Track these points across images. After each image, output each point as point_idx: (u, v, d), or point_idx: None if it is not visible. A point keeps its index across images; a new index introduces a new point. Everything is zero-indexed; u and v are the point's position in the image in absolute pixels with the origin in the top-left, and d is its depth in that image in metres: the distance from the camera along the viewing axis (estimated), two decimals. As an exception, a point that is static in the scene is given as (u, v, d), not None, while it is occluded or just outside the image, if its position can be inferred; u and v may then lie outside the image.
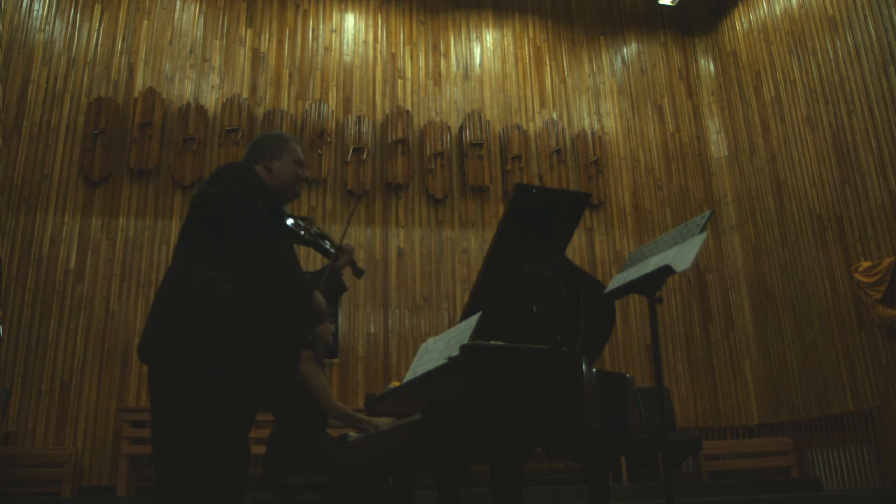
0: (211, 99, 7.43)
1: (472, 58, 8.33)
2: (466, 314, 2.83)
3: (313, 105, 7.61)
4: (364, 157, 7.55)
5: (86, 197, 6.85)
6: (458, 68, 8.23)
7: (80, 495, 5.87)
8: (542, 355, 2.36)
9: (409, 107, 7.90)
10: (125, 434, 5.97)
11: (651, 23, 9.07)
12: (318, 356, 3.47)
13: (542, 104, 8.34)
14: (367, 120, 7.68)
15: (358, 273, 2.86)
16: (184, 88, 7.40)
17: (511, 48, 8.48)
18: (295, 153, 2.30)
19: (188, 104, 7.28)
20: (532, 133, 8.15)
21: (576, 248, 7.79)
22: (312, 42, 7.91)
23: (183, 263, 1.95)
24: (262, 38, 7.78)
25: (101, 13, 7.41)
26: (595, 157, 8.14)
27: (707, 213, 2.48)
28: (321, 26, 8.00)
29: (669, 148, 8.62)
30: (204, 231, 1.95)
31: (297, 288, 1.99)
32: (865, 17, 6.79)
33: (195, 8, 7.69)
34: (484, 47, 8.41)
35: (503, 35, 8.52)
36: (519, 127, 8.06)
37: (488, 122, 8.03)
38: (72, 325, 6.43)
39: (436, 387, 2.47)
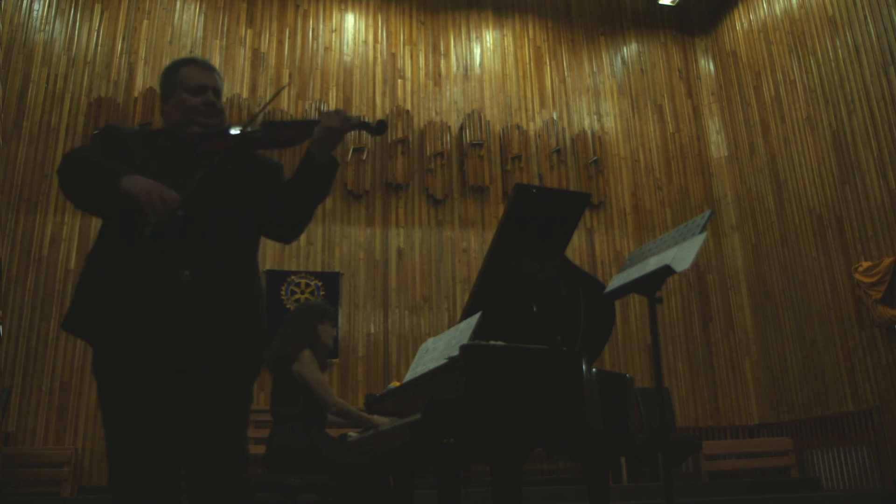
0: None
1: (472, 58, 8.33)
2: (466, 314, 2.83)
3: (313, 105, 7.61)
4: (364, 156, 7.55)
5: (86, 197, 6.84)
6: (458, 68, 8.23)
7: (80, 495, 5.87)
8: (542, 355, 2.36)
9: (409, 107, 7.90)
10: (125, 434, 5.96)
11: (651, 23, 9.07)
12: (321, 361, 3.48)
13: (542, 104, 8.34)
14: (366, 120, 7.67)
15: (378, 128, 2.00)
16: (184, 88, 7.39)
17: (511, 48, 8.48)
18: (185, 81, 1.95)
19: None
20: (532, 133, 8.15)
21: (576, 248, 7.79)
22: (312, 42, 7.91)
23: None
24: (262, 38, 7.78)
25: (101, 13, 7.41)
26: (595, 157, 8.14)
27: (707, 213, 2.48)
28: (321, 26, 8.00)
29: (669, 148, 8.62)
30: None
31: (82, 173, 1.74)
32: (865, 17, 6.79)
33: (195, 8, 7.69)
34: (484, 47, 8.41)
35: (503, 35, 8.52)
36: (519, 127, 8.06)
37: (488, 122, 8.03)
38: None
39: (436, 387, 2.47)
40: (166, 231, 1.73)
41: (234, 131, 1.96)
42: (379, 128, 1.99)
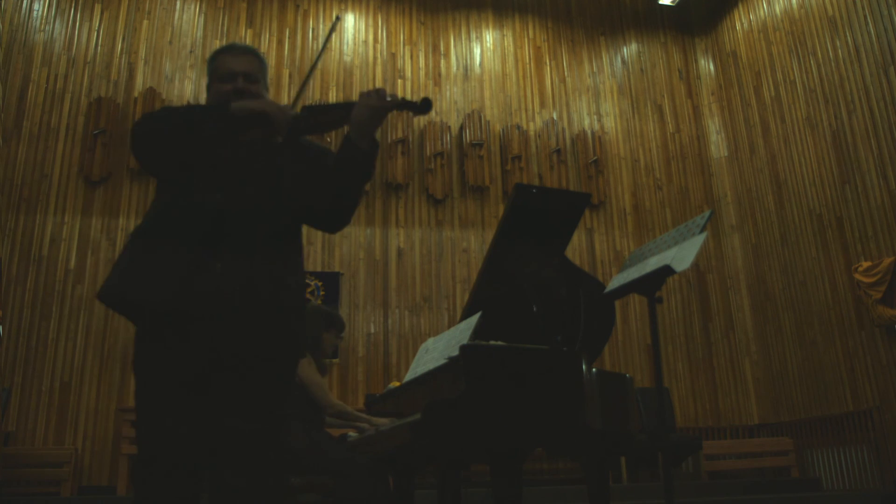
0: (211, 99, 7.42)
1: (472, 58, 8.33)
2: (466, 314, 2.83)
3: (313, 105, 7.60)
4: (364, 157, 7.54)
5: (86, 197, 6.84)
6: (458, 68, 8.23)
7: (80, 495, 5.87)
8: (542, 355, 2.36)
9: (409, 107, 7.89)
10: (125, 434, 5.96)
11: (651, 23, 9.07)
12: (320, 365, 3.48)
13: (542, 104, 8.34)
14: (367, 120, 7.67)
15: (423, 106, 1.87)
16: (184, 88, 7.40)
17: (511, 48, 8.48)
18: (218, 69, 1.93)
19: (188, 104, 7.27)
20: (532, 133, 8.15)
21: (576, 248, 7.79)
22: (312, 42, 7.91)
23: None
24: (262, 38, 7.78)
25: (101, 13, 7.41)
26: (595, 157, 8.14)
27: (707, 213, 2.48)
28: (321, 26, 8.00)
29: (669, 148, 8.62)
30: None
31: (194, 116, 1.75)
32: (865, 17, 6.79)
33: (195, 8, 7.69)
34: (484, 47, 8.41)
35: (503, 35, 8.52)
36: (519, 127, 8.06)
37: (488, 122, 8.03)
38: (72, 325, 6.43)
39: (436, 387, 2.47)
40: (203, 219, 1.72)
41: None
42: (423, 106, 1.86)
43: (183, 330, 1.69)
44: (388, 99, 1.83)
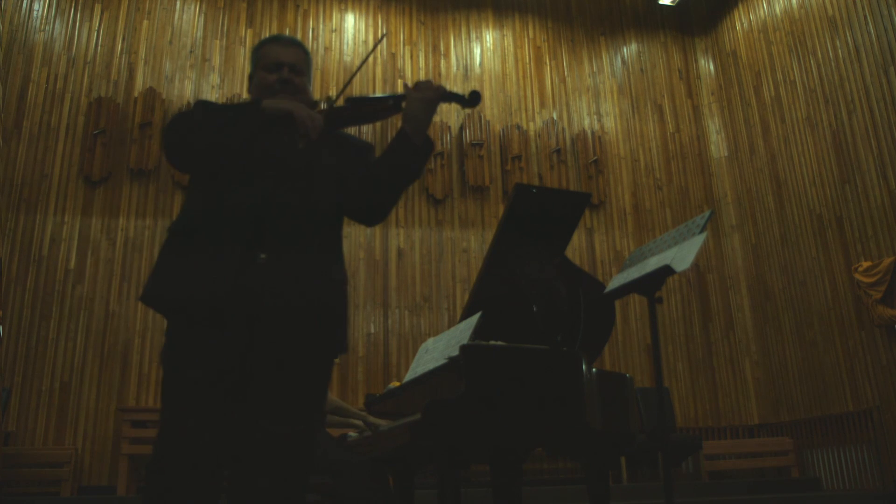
0: (211, 99, 7.42)
1: (472, 58, 8.33)
2: (466, 314, 2.83)
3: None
4: (364, 157, 7.54)
5: (86, 197, 6.84)
6: (458, 68, 8.23)
7: (80, 495, 5.87)
8: (542, 355, 2.36)
9: (409, 107, 7.90)
10: (125, 434, 5.97)
11: (651, 23, 9.07)
12: None
13: (542, 104, 8.34)
14: (367, 120, 7.67)
15: (471, 100, 1.85)
16: (184, 88, 7.40)
17: (511, 48, 8.48)
18: (263, 58, 1.93)
19: (188, 104, 7.28)
20: (532, 133, 8.15)
21: (576, 248, 7.79)
22: (312, 42, 7.91)
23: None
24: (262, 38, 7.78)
25: (101, 13, 7.41)
26: (595, 157, 8.14)
27: (707, 213, 2.48)
28: (321, 26, 8.00)
29: (669, 148, 8.62)
30: None
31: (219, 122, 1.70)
32: (865, 17, 6.79)
33: (195, 8, 7.69)
34: (484, 47, 8.41)
35: (503, 35, 8.52)
36: (519, 127, 8.06)
37: (488, 122, 8.03)
38: (72, 325, 6.43)
39: (436, 387, 2.47)
40: (243, 215, 1.68)
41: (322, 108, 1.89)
42: (472, 99, 1.84)
43: (223, 326, 1.64)
44: (439, 90, 1.79)
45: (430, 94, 1.77)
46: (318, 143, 1.82)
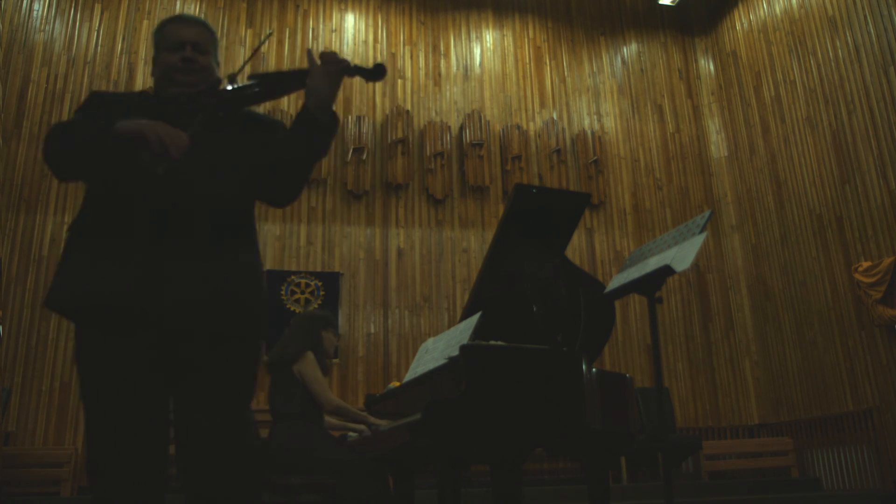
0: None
1: (472, 58, 8.33)
2: (466, 314, 2.83)
3: (313, 105, 7.60)
4: (364, 157, 7.55)
5: (86, 197, 6.84)
6: (458, 68, 8.23)
7: (80, 495, 5.86)
8: (542, 355, 2.36)
9: (408, 107, 7.90)
10: (125, 434, 5.96)
11: (651, 23, 9.07)
12: (323, 365, 3.50)
13: (542, 104, 8.34)
14: (366, 120, 7.68)
15: (375, 71, 1.78)
16: (184, 88, 7.39)
17: (511, 48, 8.48)
18: (165, 38, 1.83)
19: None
20: (532, 133, 8.15)
21: (576, 248, 7.79)
22: (312, 42, 7.91)
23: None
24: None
25: (101, 13, 7.41)
26: (595, 157, 8.14)
27: (707, 213, 2.48)
28: (321, 26, 8.00)
29: (669, 148, 8.62)
30: None
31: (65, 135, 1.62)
32: (865, 17, 6.79)
33: (195, 8, 7.69)
34: (484, 47, 8.41)
35: (503, 35, 8.52)
36: (519, 127, 8.06)
37: (488, 122, 8.03)
38: (72, 325, 6.40)
39: (436, 387, 2.47)
40: (152, 197, 1.62)
41: (227, 88, 1.81)
42: (377, 71, 1.75)
43: (132, 327, 1.60)
44: (340, 62, 1.70)
45: (332, 67, 1.69)
46: (222, 125, 1.76)
